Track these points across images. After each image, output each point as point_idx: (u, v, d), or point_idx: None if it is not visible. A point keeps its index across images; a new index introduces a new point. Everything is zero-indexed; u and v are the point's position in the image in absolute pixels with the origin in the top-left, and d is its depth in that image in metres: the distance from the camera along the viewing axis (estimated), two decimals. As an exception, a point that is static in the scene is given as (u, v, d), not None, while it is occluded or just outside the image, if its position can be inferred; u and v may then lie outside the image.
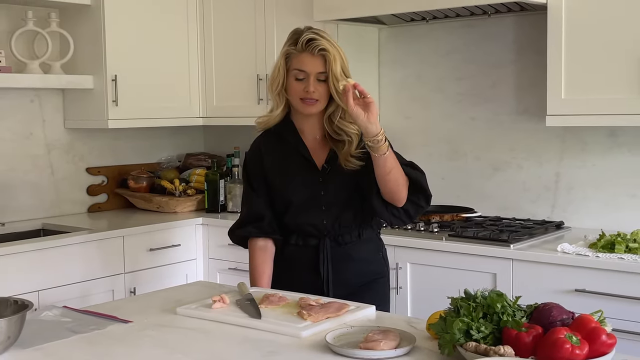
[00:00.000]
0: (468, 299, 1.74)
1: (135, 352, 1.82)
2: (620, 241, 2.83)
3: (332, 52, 2.28)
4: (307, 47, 2.29)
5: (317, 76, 2.30)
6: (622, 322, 2.70)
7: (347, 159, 2.34)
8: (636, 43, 2.89)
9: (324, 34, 2.34)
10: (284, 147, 2.44)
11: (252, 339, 1.89)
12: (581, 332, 1.58)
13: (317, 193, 2.39)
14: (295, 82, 2.32)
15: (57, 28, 3.87)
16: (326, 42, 2.29)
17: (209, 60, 4.25)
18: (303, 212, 2.41)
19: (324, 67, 2.29)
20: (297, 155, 2.42)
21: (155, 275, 3.74)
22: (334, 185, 2.39)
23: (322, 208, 2.40)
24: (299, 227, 2.43)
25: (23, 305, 1.88)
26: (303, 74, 2.31)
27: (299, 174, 2.41)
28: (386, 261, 2.57)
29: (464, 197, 3.76)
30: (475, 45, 3.70)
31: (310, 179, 2.40)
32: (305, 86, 2.30)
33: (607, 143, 3.34)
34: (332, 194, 2.39)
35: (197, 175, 4.31)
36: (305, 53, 2.30)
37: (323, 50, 2.28)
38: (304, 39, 2.29)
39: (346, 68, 2.33)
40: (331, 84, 2.29)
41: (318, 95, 2.31)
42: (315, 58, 2.29)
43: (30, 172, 3.95)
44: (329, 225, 2.40)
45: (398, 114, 3.98)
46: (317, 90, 2.30)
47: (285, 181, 2.42)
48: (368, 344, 1.75)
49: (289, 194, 2.41)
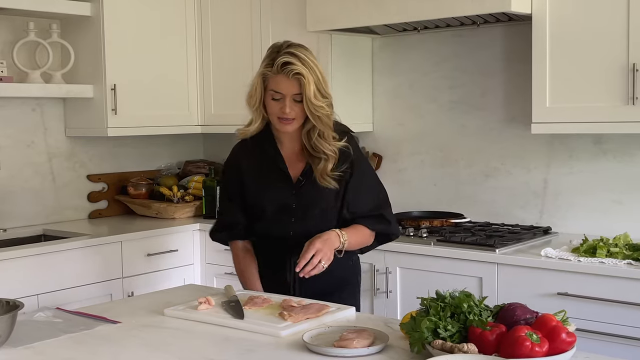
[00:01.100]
0: (438, 299, 1.82)
1: (120, 350, 1.90)
2: (602, 246, 2.90)
3: (306, 75, 2.29)
4: (282, 70, 2.30)
5: (294, 97, 2.33)
6: (603, 324, 2.77)
7: (322, 176, 2.40)
8: (619, 52, 2.96)
9: (301, 52, 2.33)
10: (261, 157, 2.49)
11: (233, 338, 1.97)
12: (542, 331, 1.65)
13: (289, 205, 2.44)
14: (272, 101, 2.36)
15: (58, 39, 3.98)
16: (301, 65, 2.30)
17: (207, 69, 4.34)
18: (273, 222, 2.47)
19: (299, 89, 2.31)
20: (273, 166, 2.46)
21: (153, 280, 3.82)
22: (306, 198, 2.43)
23: (291, 220, 2.45)
24: (268, 236, 2.50)
25: (14, 305, 1.97)
26: (279, 95, 2.34)
27: (273, 184, 2.46)
28: (357, 269, 2.60)
29: (454, 203, 3.83)
30: (465, 54, 3.78)
31: (284, 190, 2.45)
32: (282, 107, 2.34)
33: (593, 150, 3.41)
34: (303, 207, 2.43)
35: (195, 182, 4.40)
36: (280, 75, 2.32)
37: (297, 74, 2.29)
38: (279, 62, 2.31)
39: (323, 87, 2.35)
40: (305, 106, 2.32)
41: (294, 115, 2.35)
42: (290, 80, 2.31)
43: (32, 179, 4.05)
44: (296, 237, 2.42)
45: (391, 121, 4.06)
46: (293, 110, 2.34)
47: (259, 190, 2.48)
48: (342, 342, 1.82)
49: (262, 203, 2.47)
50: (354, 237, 2.43)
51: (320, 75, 2.35)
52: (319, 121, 2.36)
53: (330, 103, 2.39)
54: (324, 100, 2.35)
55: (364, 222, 2.47)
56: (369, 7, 3.46)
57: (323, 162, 2.39)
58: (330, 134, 2.39)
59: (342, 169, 2.41)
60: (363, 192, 2.48)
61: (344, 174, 2.42)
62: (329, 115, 2.38)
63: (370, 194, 2.51)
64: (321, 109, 2.34)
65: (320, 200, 2.43)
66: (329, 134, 2.39)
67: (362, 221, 2.47)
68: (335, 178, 2.40)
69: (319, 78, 2.34)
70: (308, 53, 2.36)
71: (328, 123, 2.38)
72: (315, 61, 2.35)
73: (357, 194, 2.46)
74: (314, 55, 2.38)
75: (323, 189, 2.41)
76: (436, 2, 3.28)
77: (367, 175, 2.52)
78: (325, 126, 2.37)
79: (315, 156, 2.41)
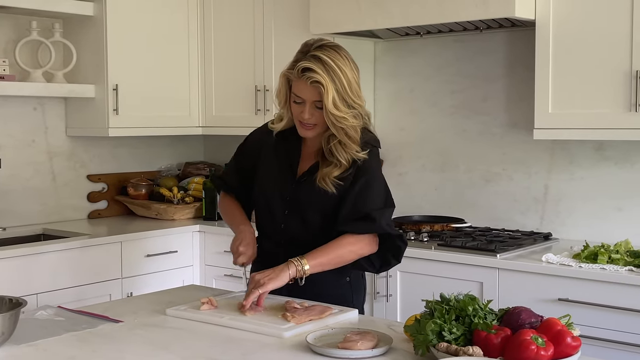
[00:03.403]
0: (442, 302, 1.82)
1: (123, 349, 1.90)
2: (604, 252, 2.90)
3: (325, 84, 2.14)
4: (302, 75, 2.18)
5: (314, 103, 2.20)
6: (604, 330, 2.77)
7: (324, 179, 2.27)
8: (622, 59, 2.97)
9: (328, 55, 2.17)
10: (284, 143, 2.40)
11: (236, 339, 1.97)
12: (547, 335, 1.65)
13: (284, 197, 2.37)
14: (294, 104, 2.25)
15: (61, 38, 3.98)
16: (321, 72, 2.14)
17: (209, 71, 4.34)
18: (268, 209, 2.41)
19: (320, 97, 2.17)
20: (287, 156, 2.39)
21: (152, 280, 3.81)
22: (302, 194, 2.34)
23: (284, 212, 2.37)
24: (260, 224, 2.45)
25: (17, 303, 1.96)
26: (300, 99, 2.22)
27: (278, 173, 2.39)
28: (354, 287, 2.41)
29: (455, 208, 3.83)
30: (467, 59, 3.78)
31: (284, 181, 2.37)
32: (302, 111, 2.23)
33: (595, 156, 3.42)
34: (297, 202, 2.35)
35: (195, 184, 4.40)
36: (300, 80, 2.19)
37: (316, 82, 2.15)
38: (300, 67, 2.17)
39: (348, 96, 2.19)
40: (325, 116, 2.19)
41: (315, 121, 2.24)
42: (310, 87, 2.18)
43: (32, 179, 4.04)
44: (286, 230, 2.36)
45: (392, 125, 4.06)
46: (313, 116, 2.23)
47: (265, 174, 2.43)
48: (346, 344, 1.82)
49: (262, 187, 2.43)
50: (323, 257, 2.24)
51: (345, 84, 2.17)
52: (341, 133, 2.21)
53: (357, 114, 2.22)
54: (349, 111, 2.19)
55: (349, 227, 2.27)
56: (373, 11, 3.47)
57: (332, 167, 2.27)
58: (352, 147, 2.24)
59: (344, 175, 2.28)
60: (360, 198, 2.28)
61: (344, 181, 2.28)
62: (354, 126, 2.22)
63: (369, 200, 2.29)
64: (343, 120, 2.18)
65: (315, 200, 2.31)
66: (350, 146, 2.24)
67: (348, 226, 2.27)
68: (334, 184, 2.27)
69: (344, 86, 2.17)
70: (337, 57, 2.19)
71: (352, 136, 2.23)
72: (344, 67, 2.18)
73: (354, 200, 2.28)
74: (348, 58, 2.22)
75: (322, 191, 2.28)
76: (440, 7, 3.29)
77: (369, 183, 2.31)
78: (348, 138, 2.23)
79: (327, 159, 2.29)
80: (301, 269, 2.20)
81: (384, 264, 2.38)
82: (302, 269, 2.20)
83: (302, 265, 2.21)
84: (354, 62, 2.25)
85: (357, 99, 2.22)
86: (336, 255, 2.26)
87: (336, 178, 2.27)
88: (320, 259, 2.24)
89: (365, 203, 2.28)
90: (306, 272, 2.21)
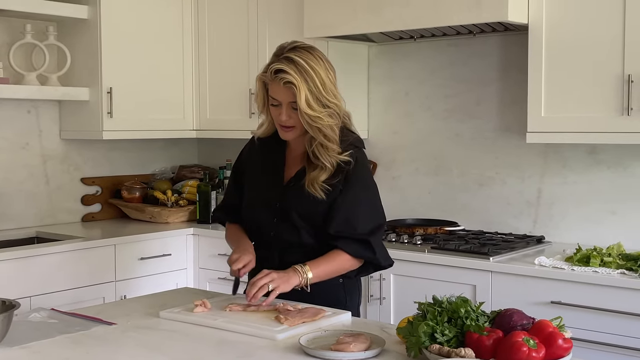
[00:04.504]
0: (435, 304, 1.83)
1: (116, 351, 1.90)
2: (596, 255, 2.91)
3: (298, 84, 2.16)
4: (274, 77, 2.20)
5: (291, 105, 2.22)
6: (596, 333, 2.78)
7: (312, 184, 2.27)
8: (614, 62, 2.99)
9: (300, 56, 2.19)
10: (268, 151, 2.43)
11: (229, 341, 1.97)
12: (539, 336, 1.66)
13: (273, 203, 2.37)
14: (272, 107, 2.27)
15: (55, 41, 3.98)
16: (293, 73, 2.16)
17: (203, 74, 4.35)
18: (257, 217, 2.42)
19: (294, 97, 2.19)
20: (272, 163, 2.41)
21: (146, 283, 3.81)
22: (290, 200, 2.33)
23: (273, 219, 2.37)
24: (251, 228, 2.46)
25: (10, 305, 1.96)
26: (276, 101, 2.24)
27: (265, 181, 2.41)
28: (347, 289, 2.41)
29: (448, 212, 3.84)
30: (461, 63, 3.80)
31: (272, 188, 2.38)
32: (280, 113, 2.25)
33: (588, 160, 3.43)
34: (285, 207, 2.34)
35: (189, 187, 4.40)
36: (274, 82, 2.21)
37: (288, 83, 2.17)
38: (272, 69, 2.20)
39: (322, 96, 2.20)
40: (300, 116, 2.20)
41: (293, 122, 2.25)
42: (284, 88, 2.19)
43: (26, 182, 4.04)
44: (277, 237, 2.37)
45: (386, 129, 4.07)
46: (291, 118, 2.24)
47: (253, 182, 2.45)
48: (339, 346, 1.83)
49: (250, 195, 2.44)
50: (325, 268, 2.27)
51: (318, 83, 2.19)
52: (317, 132, 2.22)
53: (332, 113, 2.23)
54: (323, 111, 2.20)
55: (346, 247, 2.29)
56: (367, 14, 3.48)
57: (318, 170, 2.27)
58: (332, 147, 2.25)
59: (333, 182, 2.27)
60: (352, 212, 2.29)
61: (334, 188, 2.28)
62: (331, 125, 2.23)
63: (362, 215, 2.31)
64: (318, 119, 2.19)
65: (303, 205, 2.30)
66: (330, 147, 2.25)
67: (344, 244, 2.29)
68: (323, 189, 2.27)
69: (317, 86, 2.19)
70: (310, 57, 2.21)
71: (330, 135, 2.23)
72: (316, 67, 2.20)
73: (345, 212, 2.29)
74: (322, 58, 2.24)
75: (310, 196, 2.28)
76: (434, 11, 3.30)
77: (360, 194, 2.32)
78: (326, 138, 2.24)
79: (313, 162, 2.29)
80: (305, 276, 2.24)
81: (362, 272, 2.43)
82: (306, 277, 2.24)
83: (306, 272, 2.24)
84: (328, 62, 2.27)
85: (332, 99, 2.23)
86: (336, 268, 2.32)
87: (325, 183, 2.28)
88: (323, 269, 2.28)
89: (358, 220, 2.30)
90: (310, 280, 2.25)
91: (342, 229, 2.29)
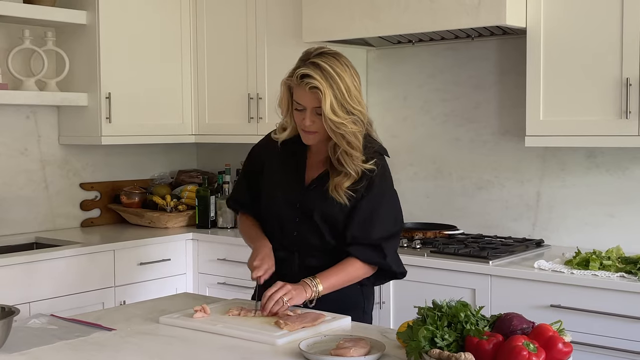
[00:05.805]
0: (435, 308, 1.83)
1: (116, 357, 1.90)
2: (595, 258, 2.91)
3: (323, 89, 2.16)
4: (300, 82, 2.20)
5: (315, 110, 2.22)
6: (596, 337, 2.78)
7: (336, 189, 2.28)
8: (612, 66, 2.99)
9: (326, 62, 2.20)
10: (289, 154, 2.42)
11: (229, 346, 1.97)
12: (539, 341, 1.66)
13: (294, 204, 2.38)
14: (296, 111, 2.27)
15: (53, 46, 3.98)
16: (319, 78, 2.16)
17: (202, 79, 4.35)
18: (279, 217, 2.42)
19: (319, 102, 2.19)
20: (293, 165, 2.40)
21: (145, 289, 3.81)
22: (312, 202, 2.34)
23: (295, 219, 2.38)
24: (273, 227, 2.45)
25: (10, 311, 1.96)
26: (301, 106, 2.24)
27: (285, 178, 2.41)
28: (366, 294, 2.44)
29: (447, 215, 3.84)
30: (459, 67, 3.80)
31: (294, 189, 2.38)
32: (304, 118, 2.25)
33: (586, 163, 3.43)
34: (306, 209, 2.36)
35: (188, 192, 4.40)
36: (300, 87, 2.21)
37: (314, 88, 2.17)
38: (298, 73, 2.20)
39: (347, 102, 2.19)
40: (324, 122, 2.20)
41: (316, 128, 2.25)
42: (309, 93, 2.20)
43: (25, 187, 4.04)
44: (299, 237, 2.38)
45: (385, 133, 4.05)
46: (315, 123, 2.24)
47: (271, 179, 2.44)
48: (339, 351, 1.83)
49: (271, 196, 2.44)
50: (336, 279, 2.29)
51: (344, 89, 2.18)
52: (340, 139, 2.22)
53: (356, 120, 2.22)
54: (348, 117, 2.20)
55: (358, 253, 2.31)
56: (365, 19, 3.49)
57: (342, 176, 2.27)
58: (357, 155, 2.26)
59: (357, 187, 2.29)
60: (370, 219, 2.31)
61: (356, 194, 2.29)
62: (354, 132, 2.22)
63: (378, 222, 2.32)
64: (342, 126, 2.19)
65: (324, 208, 2.32)
66: (355, 154, 2.25)
67: (356, 250, 2.31)
68: (347, 195, 2.28)
69: (342, 92, 2.18)
70: (336, 63, 2.21)
71: (353, 142, 2.23)
72: (342, 73, 2.19)
73: (364, 219, 2.31)
74: (348, 65, 2.24)
75: (333, 200, 2.30)
76: (432, 16, 3.30)
77: (381, 201, 2.34)
78: (349, 145, 2.23)
79: (337, 168, 2.29)
80: (315, 289, 2.25)
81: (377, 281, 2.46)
82: (317, 290, 2.25)
83: (317, 285, 2.25)
84: (354, 69, 2.27)
85: (357, 105, 2.23)
86: (347, 278, 2.32)
87: (348, 189, 2.29)
88: (333, 280, 2.29)
89: (374, 226, 2.32)
90: (320, 292, 2.26)
91: (358, 234, 2.32)
